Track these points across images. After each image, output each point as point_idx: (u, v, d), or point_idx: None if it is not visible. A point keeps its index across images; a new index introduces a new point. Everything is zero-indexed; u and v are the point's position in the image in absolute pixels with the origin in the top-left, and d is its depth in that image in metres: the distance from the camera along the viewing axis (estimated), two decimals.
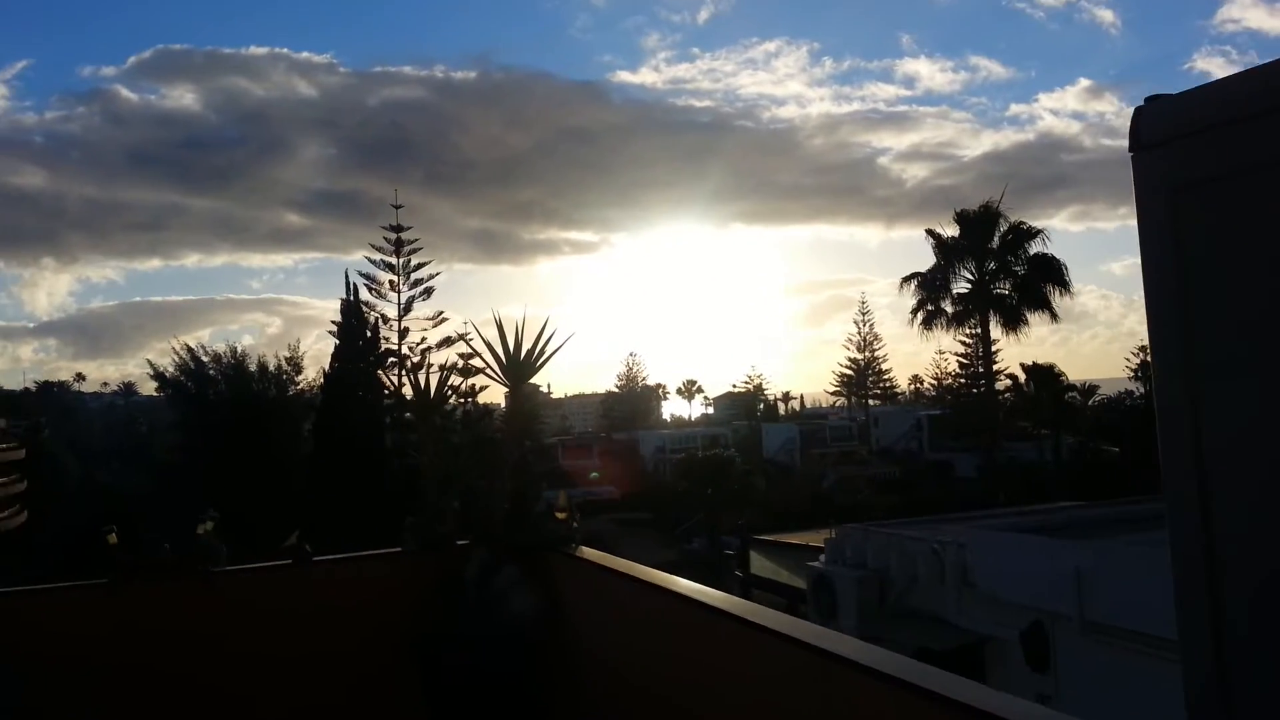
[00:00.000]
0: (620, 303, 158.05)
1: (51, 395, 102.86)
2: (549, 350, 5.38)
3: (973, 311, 40.12)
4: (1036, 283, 39.05)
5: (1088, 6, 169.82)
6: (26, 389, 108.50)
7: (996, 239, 40.28)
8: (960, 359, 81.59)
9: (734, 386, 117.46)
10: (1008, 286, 40.06)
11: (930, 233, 41.43)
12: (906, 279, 41.68)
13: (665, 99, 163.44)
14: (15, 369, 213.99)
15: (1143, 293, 2.45)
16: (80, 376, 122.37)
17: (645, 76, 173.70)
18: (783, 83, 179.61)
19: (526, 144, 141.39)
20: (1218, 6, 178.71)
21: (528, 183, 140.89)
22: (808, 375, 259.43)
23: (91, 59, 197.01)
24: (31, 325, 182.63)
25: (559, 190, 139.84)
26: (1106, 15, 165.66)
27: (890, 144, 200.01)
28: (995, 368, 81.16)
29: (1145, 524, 12.20)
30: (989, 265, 40.08)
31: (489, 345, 5.37)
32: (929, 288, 40.68)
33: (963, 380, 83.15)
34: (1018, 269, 39.77)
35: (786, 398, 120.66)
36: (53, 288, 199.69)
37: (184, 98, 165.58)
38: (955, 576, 10.54)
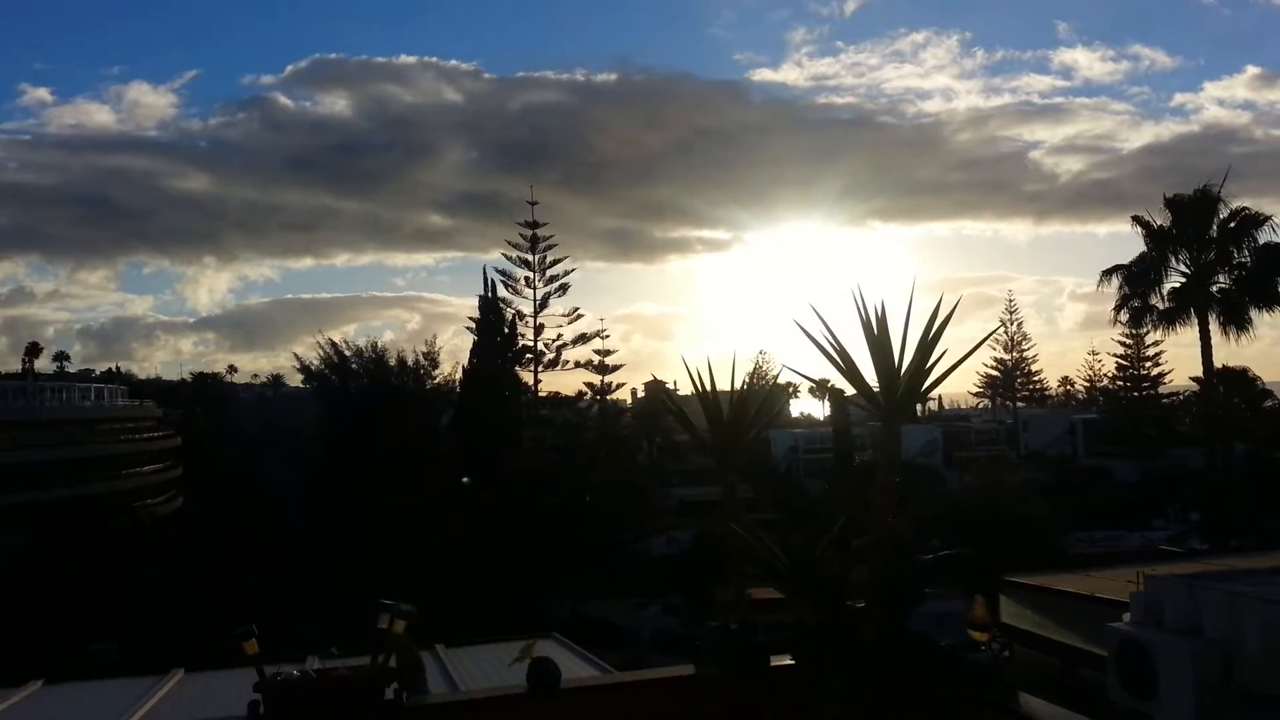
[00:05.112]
0: (752, 300, 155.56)
1: (206, 386, 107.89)
2: (941, 364, 3.88)
3: (1187, 308, 36.20)
4: (1265, 276, 34.87)
5: None
6: (184, 380, 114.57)
7: (1215, 227, 36.28)
8: (1120, 360, 76.64)
9: None
10: (1229, 280, 35.99)
11: (1138, 220, 37.54)
12: (1108, 272, 38.01)
13: (806, 97, 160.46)
14: (175, 361, 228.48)
15: None
16: (232, 368, 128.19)
17: (787, 74, 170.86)
18: (930, 75, 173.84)
19: (663, 144, 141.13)
20: None
21: (663, 182, 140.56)
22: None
23: (252, 68, 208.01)
24: (192, 320, 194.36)
25: (694, 189, 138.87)
26: None
27: (1043, 137, 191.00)
28: (1159, 371, 76.12)
29: None
30: (1207, 256, 36.11)
31: (841, 356, 3.82)
32: (1135, 281, 36.96)
33: (1122, 382, 78.03)
34: (1242, 260, 35.67)
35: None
36: (213, 285, 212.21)
37: (337, 104, 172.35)
38: None
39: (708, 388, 4.36)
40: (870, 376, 4.03)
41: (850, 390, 4.62)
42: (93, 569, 37.12)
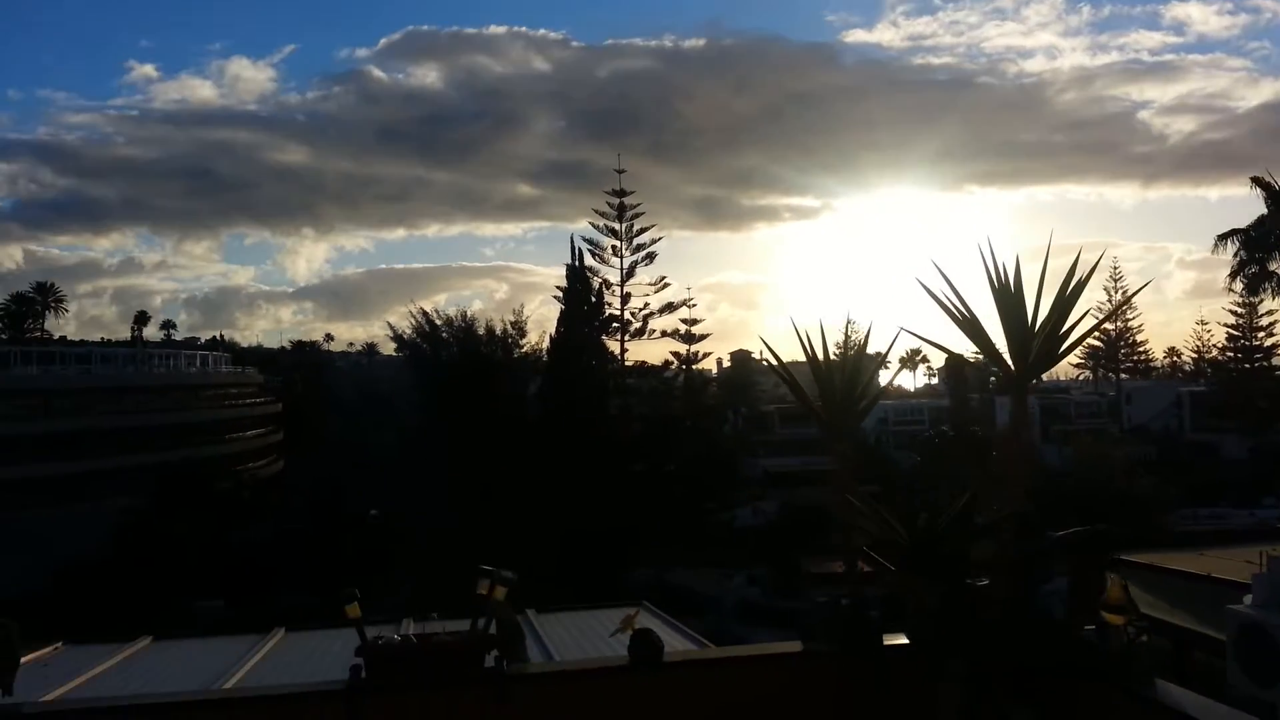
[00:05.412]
0: (842, 268, 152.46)
1: (304, 354, 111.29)
2: (1082, 326, 3.56)
3: None
4: None
5: None
6: (283, 348, 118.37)
7: None
8: (1230, 330, 72.94)
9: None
10: None
11: (1257, 181, 35.41)
12: (1223, 236, 36.06)
13: (901, 58, 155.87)
14: (275, 330, 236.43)
15: None
16: (329, 337, 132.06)
17: (881, 34, 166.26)
18: (1032, 33, 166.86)
19: (752, 110, 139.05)
20: None
21: (751, 149, 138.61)
22: None
23: (348, 41, 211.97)
24: (291, 290, 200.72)
25: (783, 156, 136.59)
26: None
27: (1153, 96, 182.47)
28: (1273, 341, 72.18)
29: None
30: None
31: (964, 315, 3.54)
32: (1254, 246, 34.92)
33: (1232, 353, 74.32)
34: None
35: None
36: (311, 255, 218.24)
37: (428, 76, 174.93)
38: None
39: (819, 355, 4.09)
40: (991, 341, 3.75)
41: (967, 358, 4.28)
42: (199, 529, 38.65)
